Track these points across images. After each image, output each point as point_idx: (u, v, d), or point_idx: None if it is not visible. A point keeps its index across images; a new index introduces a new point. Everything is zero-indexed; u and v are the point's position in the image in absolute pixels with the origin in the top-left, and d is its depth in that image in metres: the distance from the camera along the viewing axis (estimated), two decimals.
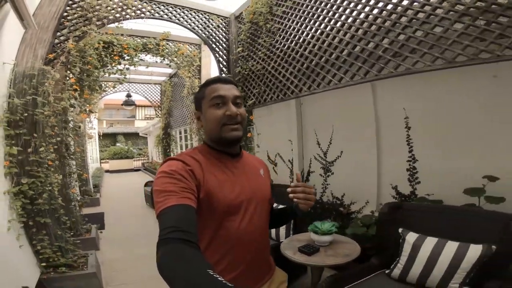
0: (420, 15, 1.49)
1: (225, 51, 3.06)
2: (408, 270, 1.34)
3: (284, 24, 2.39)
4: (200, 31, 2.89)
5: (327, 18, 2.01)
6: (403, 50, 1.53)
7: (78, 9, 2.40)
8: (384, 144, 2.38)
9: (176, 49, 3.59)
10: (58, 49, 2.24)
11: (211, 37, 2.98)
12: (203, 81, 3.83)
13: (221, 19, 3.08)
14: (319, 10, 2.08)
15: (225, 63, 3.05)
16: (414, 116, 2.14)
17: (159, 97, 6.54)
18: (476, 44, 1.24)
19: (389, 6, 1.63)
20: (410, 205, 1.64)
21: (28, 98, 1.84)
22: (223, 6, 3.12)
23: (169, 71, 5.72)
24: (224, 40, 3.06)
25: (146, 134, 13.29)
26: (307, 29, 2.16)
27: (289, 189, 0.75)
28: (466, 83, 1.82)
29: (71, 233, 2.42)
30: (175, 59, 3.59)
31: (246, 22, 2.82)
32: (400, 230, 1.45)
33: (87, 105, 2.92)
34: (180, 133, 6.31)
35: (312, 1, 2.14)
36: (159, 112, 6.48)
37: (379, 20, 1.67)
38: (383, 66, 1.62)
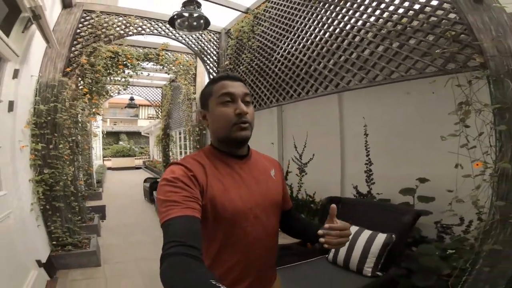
0: (357, 38, 1.91)
1: (215, 63, 3.55)
2: (337, 253, 1.67)
3: (262, 42, 2.86)
4: (193, 45, 3.38)
5: (301, 36, 2.41)
6: (342, 70, 1.96)
7: (88, 26, 2.92)
8: (347, 148, 2.81)
9: (174, 59, 4.11)
10: (73, 62, 2.77)
11: (202, 50, 3.48)
12: (198, 88, 4.35)
13: (213, 34, 3.58)
14: (295, 28, 2.46)
15: (214, 74, 3.54)
16: (371, 124, 2.56)
17: (160, 99, 7.11)
18: (391, 65, 1.66)
19: (337, 30, 2.06)
20: (346, 199, 2.07)
21: (51, 105, 2.36)
22: (216, 21, 3.61)
23: (170, 76, 6.26)
24: (215, 53, 3.55)
25: (148, 134, 13.93)
26: (285, 45, 2.58)
27: (320, 231, 0.65)
28: (410, 97, 2.22)
29: (78, 217, 2.94)
30: (173, 67, 4.11)
31: (233, 38, 3.30)
32: None
33: (95, 108, 3.45)
34: (180, 133, 6.84)
35: (285, 24, 2.59)
36: (160, 113, 7.05)
37: (329, 43, 2.10)
38: (338, 82, 2.06)
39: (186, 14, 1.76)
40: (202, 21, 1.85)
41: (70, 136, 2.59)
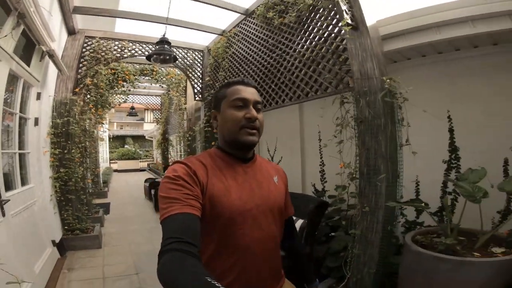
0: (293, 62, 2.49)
1: (199, 78, 4.24)
2: None
3: (232, 62, 3.52)
4: (179, 64, 4.08)
5: (261, 56, 2.97)
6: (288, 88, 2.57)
7: (90, 50, 3.60)
8: (307, 151, 3.42)
9: (166, 73, 4.85)
10: (80, 83, 3.52)
11: (188, 67, 4.18)
12: (188, 99, 5.04)
13: (197, 52, 4.28)
14: (258, 49, 2.98)
15: (198, 89, 4.23)
16: (323, 130, 3.15)
17: (159, 107, 7.93)
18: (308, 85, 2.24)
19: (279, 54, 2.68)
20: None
21: (65, 119, 3.12)
22: (201, 40, 4.29)
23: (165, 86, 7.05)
24: (199, 69, 4.25)
25: (152, 137, 14.87)
26: (250, 65, 3.19)
27: None
28: (324, 111, 2.74)
29: (86, 208, 3.69)
30: (166, 81, 4.85)
31: (211, 57, 3.98)
32: None
33: (99, 118, 4.22)
34: (178, 138, 7.62)
35: (251, 45, 3.20)
36: (159, 119, 7.87)
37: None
38: (282, 97, 2.69)
39: (158, 53, 2.45)
40: (170, 57, 2.53)
41: (80, 142, 3.34)
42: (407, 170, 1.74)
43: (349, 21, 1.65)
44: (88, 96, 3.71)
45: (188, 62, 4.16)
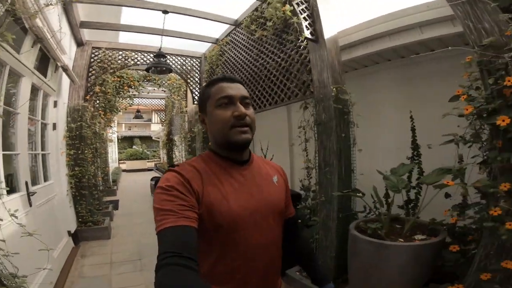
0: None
1: (197, 84, 4.64)
2: None
3: (224, 69, 3.89)
4: (178, 71, 4.50)
5: (252, 63, 3.40)
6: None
7: (98, 60, 4.00)
8: (295, 150, 3.76)
9: (168, 79, 5.28)
10: (90, 91, 3.98)
11: (186, 73, 4.58)
12: (189, 103, 5.46)
13: (195, 59, 4.68)
14: (250, 56, 3.42)
15: (196, 93, 4.63)
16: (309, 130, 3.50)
17: (164, 108, 8.43)
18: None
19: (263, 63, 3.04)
20: None
21: (78, 123, 3.59)
22: (198, 47, 4.68)
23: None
24: (196, 75, 4.65)
25: (158, 138, 15.49)
26: (239, 72, 3.54)
27: None
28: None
29: (97, 203, 4.17)
30: (168, 86, 5.28)
31: (207, 64, 4.37)
32: None
33: (107, 122, 4.70)
34: (180, 138, 8.11)
35: (239, 55, 3.58)
36: (164, 121, 8.38)
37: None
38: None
39: (155, 65, 2.87)
40: (166, 68, 2.95)
41: (91, 144, 3.81)
42: (380, 165, 1.92)
43: (309, 36, 1.98)
44: (97, 102, 4.18)
45: (187, 68, 4.57)
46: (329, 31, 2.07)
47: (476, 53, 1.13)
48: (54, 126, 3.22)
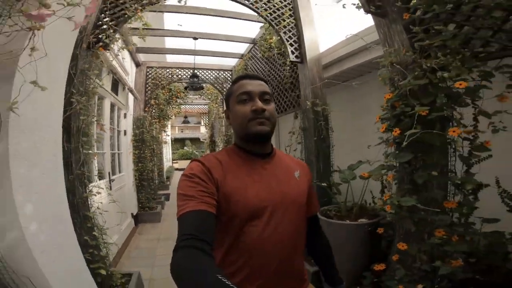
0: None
1: None
2: None
3: None
4: (212, 82, 5.41)
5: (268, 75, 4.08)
6: None
7: (151, 78, 5.23)
8: (287, 152, 4.22)
9: (207, 89, 6.28)
10: (148, 104, 5.19)
11: (220, 84, 5.46)
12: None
13: (227, 72, 5.52)
14: (259, 72, 4.14)
15: None
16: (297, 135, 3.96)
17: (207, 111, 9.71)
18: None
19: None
20: None
21: (140, 130, 4.80)
22: (230, 61, 5.49)
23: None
24: (229, 85, 5.48)
25: (205, 139, 17.27)
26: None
27: None
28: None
29: (153, 193, 5.38)
30: (208, 95, 6.29)
31: (236, 75, 5.14)
32: None
33: (162, 127, 5.93)
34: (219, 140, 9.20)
35: (256, 70, 4.23)
36: (207, 124, 9.63)
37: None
38: None
39: (191, 85, 3.76)
40: (199, 86, 3.81)
41: (150, 145, 5.01)
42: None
43: (294, 59, 2.51)
44: (153, 112, 5.39)
45: (220, 80, 5.45)
46: (310, 53, 2.46)
47: (387, 71, 1.45)
48: (125, 132, 4.44)
